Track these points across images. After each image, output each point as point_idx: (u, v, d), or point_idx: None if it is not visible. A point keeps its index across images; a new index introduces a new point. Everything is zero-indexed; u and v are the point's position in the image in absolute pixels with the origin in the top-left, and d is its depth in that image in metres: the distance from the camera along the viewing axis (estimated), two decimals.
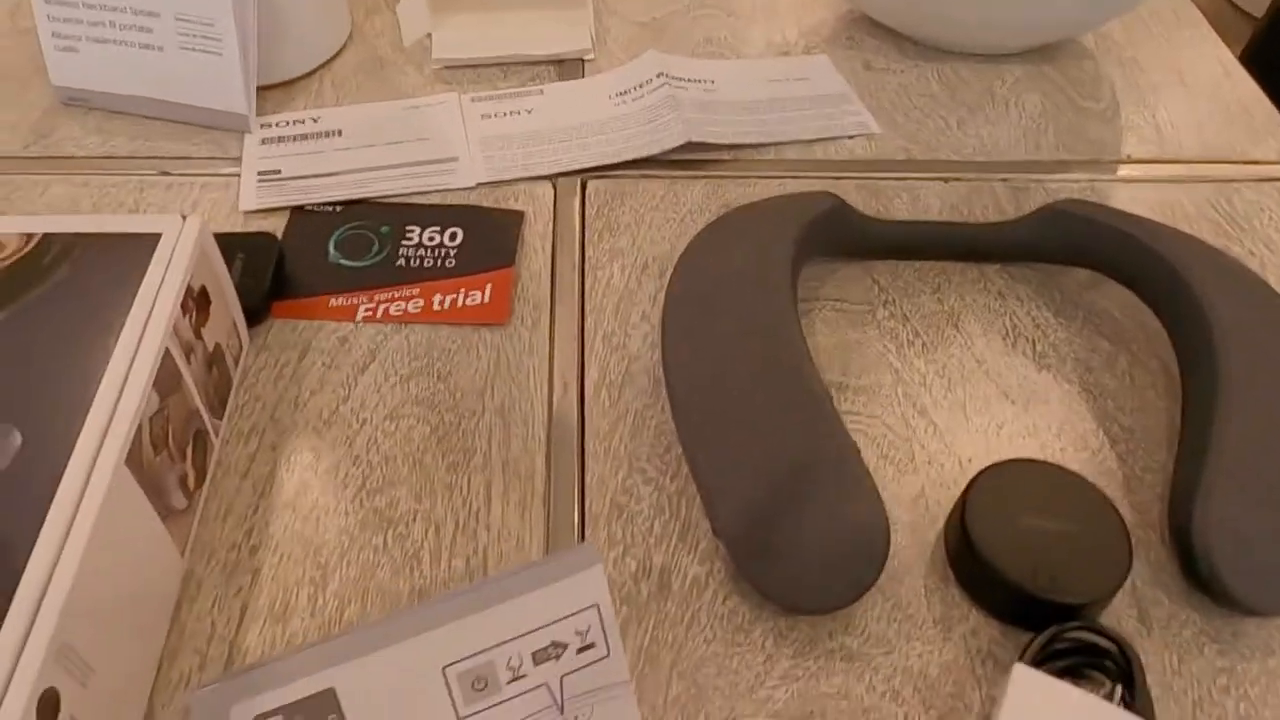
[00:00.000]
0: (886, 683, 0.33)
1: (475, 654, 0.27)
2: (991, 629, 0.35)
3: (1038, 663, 0.32)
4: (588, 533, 0.37)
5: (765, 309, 0.38)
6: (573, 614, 0.28)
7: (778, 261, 0.39)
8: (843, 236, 0.45)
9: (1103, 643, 0.32)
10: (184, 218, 0.37)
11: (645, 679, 0.33)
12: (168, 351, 0.33)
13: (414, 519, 0.37)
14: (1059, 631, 0.33)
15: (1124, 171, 0.53)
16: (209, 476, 0.38)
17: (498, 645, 0.28)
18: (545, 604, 0.28)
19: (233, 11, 0.49)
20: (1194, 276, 0.40)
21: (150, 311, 0.33)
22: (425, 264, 0.46)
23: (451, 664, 0.27)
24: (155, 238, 0.36)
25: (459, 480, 0.38)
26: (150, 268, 0.35)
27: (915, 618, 0.35)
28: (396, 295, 0.45)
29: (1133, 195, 0.51)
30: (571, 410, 0.41)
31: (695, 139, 0.51)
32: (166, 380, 0.33)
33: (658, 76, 0.55)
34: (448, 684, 0.27)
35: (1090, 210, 0.44)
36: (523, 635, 0.28)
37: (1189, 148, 0.54)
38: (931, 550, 0.37)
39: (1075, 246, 0.44)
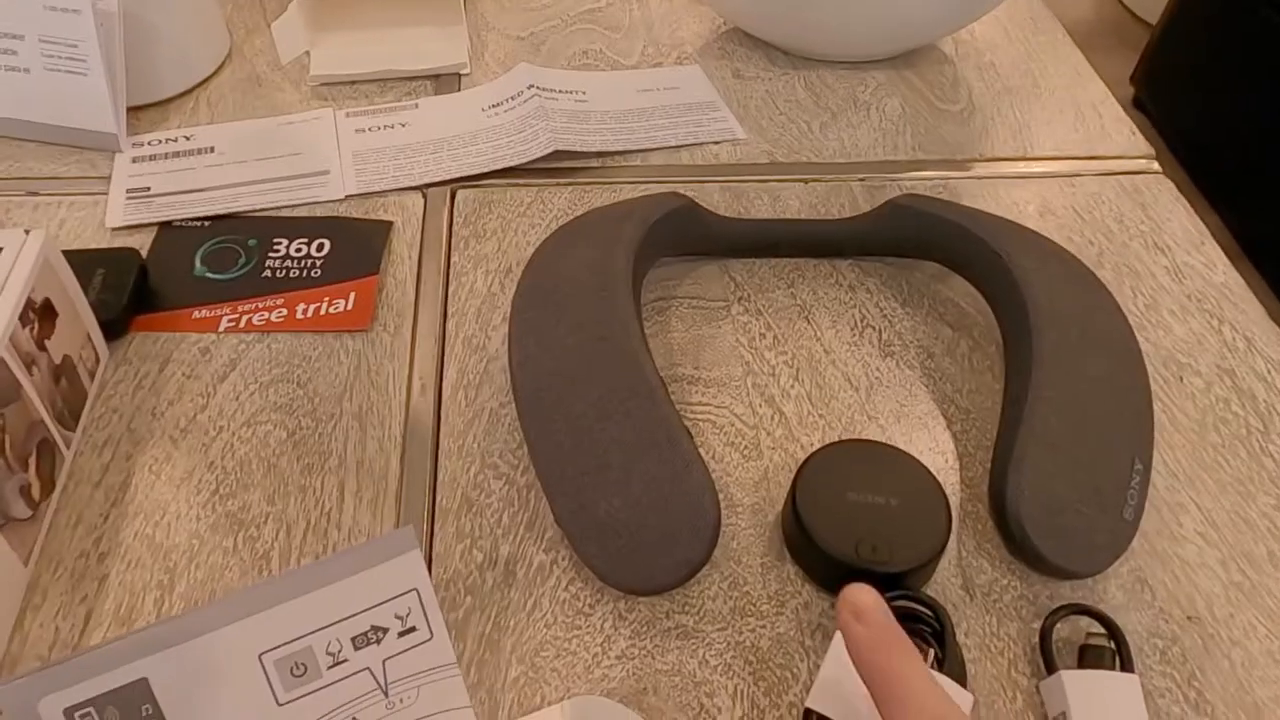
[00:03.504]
0: (719, 657, 0.34)
1: (292, 640, 0.28)
2: (823, 602, 0.36)
3: None
4: (437, 526, 0.38)
5: (606, 304, 0.39)
6: (391, 598, 0.29)
7: (620, 259, 0.41)
8: (693, 235, 0.46)
9: (921, 610, 0.34)
10: (27, 232, 0.37)
11: (485, 664, 0.34)
12: (2, 362, 0.34)
13: (265, 521, 0.38)
14: None
15: (977, 169, 0.55)
16: (59, 487, 0.38)
17: (315, 631, 0.28)
18: (363, 589, 0.29)
19: (97, 33, 0.50)
20: (1015, 262, 0.42)
21: None
22: (291, 275, 0.47)
23: (268, 651, 0.28)
24: None
25: (313, 482, 0.39)
26: None
27: (751, 595, 0.36)
28: (260, 305, 0.45)
29: (983, 191, 0.54)
30: (428, 411, 0.42)
31: (562, 148, 0.53)
32: (2, 390, 0.34)
33: (528, 88, 0.57)
34: (265, 671, 0.28)
35: (925, 204, 0.46)
36: (341, 620, 0.29)
37: (1039, 146, 0.57)
38: (770, 531, 0.38)
39: (913, 238, 0.46)
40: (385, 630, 0.29)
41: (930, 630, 0.34)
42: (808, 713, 0.31)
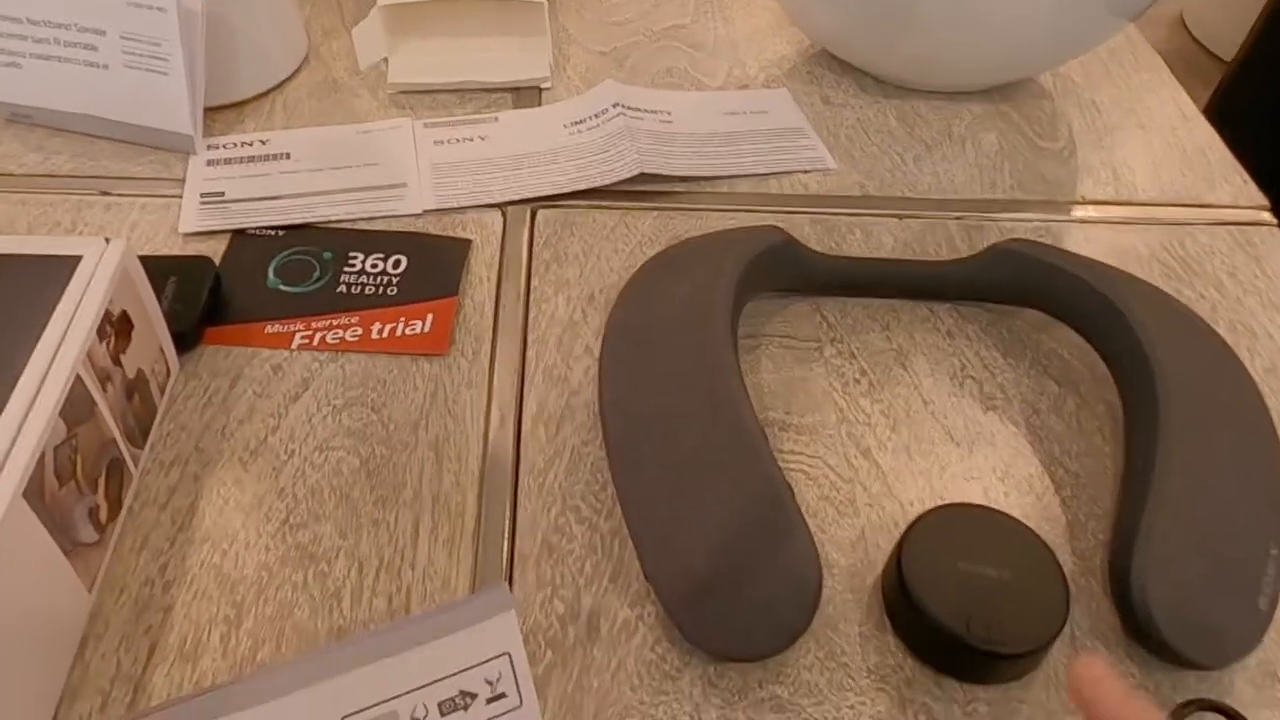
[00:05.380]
0: None
1: (377, 704, 0.26)
2: (926, 679, 0.34)
3: None
4: (516, 573, 0.36)
5: (704, 347, 0.37)
6: (483, 662, 0.27)
7: (719, 298, 0.38)
8: (790, 272, 0.44)
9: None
10: (107, 240, 0.36)
11: None
12: (79, 379, 0.32)
13: (337, 555, 0.36)
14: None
15: (1078, 212, 0.53)
16: (125, 508, 0.36)
17: (401, 695, 0.26)
18: (453, 652, 0.27)
19: (180, 32, 0.48)
20: (1138, 321, 0.39)
21: (62, 337, 0.32)
22: (366, 291, 0.45)
23: (351, 714, 0.26)
24: (75, 260, 0.35)
25: (386, 516, 0.37)
26: (66, 292, 0.34)
27: (849, 666, 0.34)
28: (335, 323, 0.44)
29: (1086, 236, 0.51)
30: (507, 445, 0.40)
31: (648, 170, 0.51)
32: (76, 408, 0.32)
33: (613, 106, 0.55)
34: None
35: (1037, 251, 0.43)
36: (429, 684, 0.27)
37: (1144, 190, 0.54)
38: (869, 596, 0.36)
39: (1023, 287, 0.44)
40: (474, 696, 0.27)
41: None
42: None
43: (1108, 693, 0.26)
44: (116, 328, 0.35)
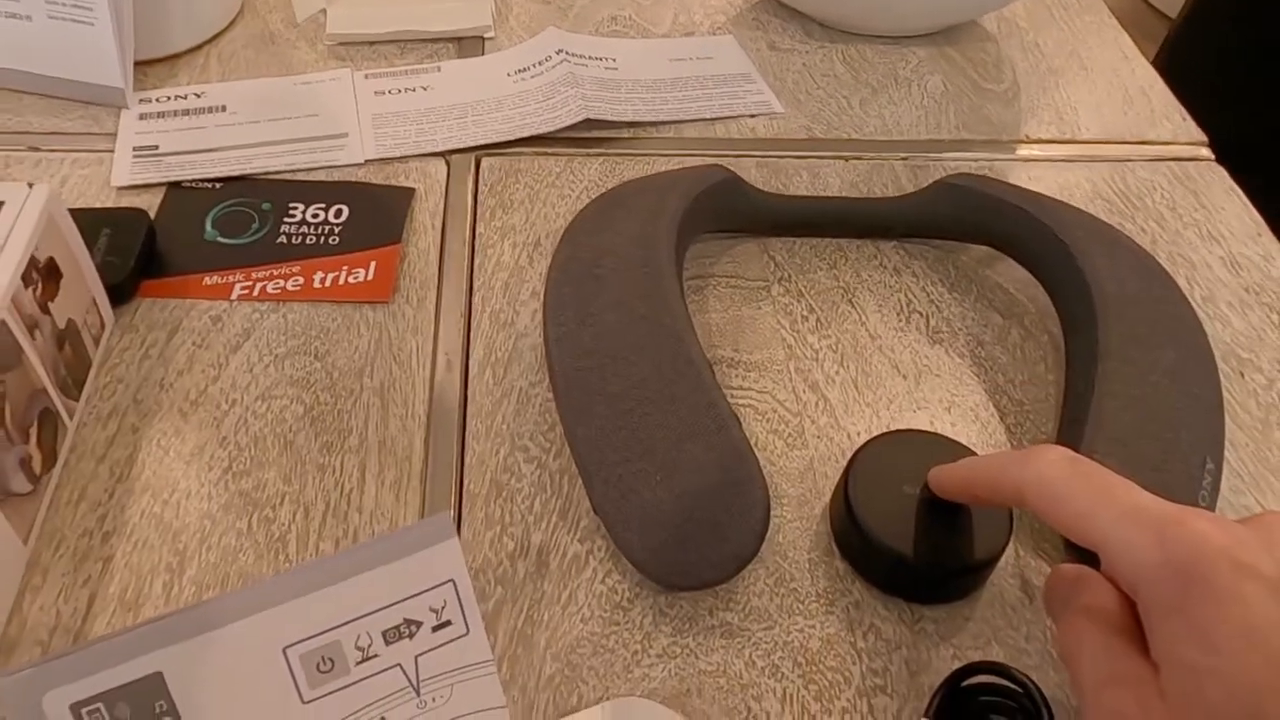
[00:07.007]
0: (766, 658, 0.32)
1: (319, 633, 0.26)
2: (875, 601, 0.34)
3: (942, 712, 0.31)
4: (464, 512, 0.36)
5: (648, 282, 0.37)
6: (427, 590, 0.27)
7: (662, 235, 0.38)
8: (735, 211, 0.44)
9: (1011, 687, 0.31)
10: (30, 186, 0.35)
11: (518, 661, 0.32)
12: (3, 324, 0.31)
13: (282, 501, 0.36)
14: (961, 677, 0.31)
15: (1022, 151, 0.53)
16: (60, 460, 0.35)
17: (344, 624, 0.26)
18: (396, 579, 0.26)
19: None
20: (1078, 247, 0.40)
21: None
22: (308, 241, 0.44)
23: (293, 644, 0.26)
24: None
25: (332, 461, 0.37)
26: None
27: (798, 591, 0.34)
28: (275, 273, 0.43)
29: (1030, 174, 0.51)
30: (454, 389, 0.40)
31: (593, 116, 0.50)
32: (2, 354, 0.31)
33: (557, 54, 0.54)
34: (289, 666, 0.26)
35: (981, 184, 0.43)
36: (372, 613, 0.26)
37: (1087, 129, 0.55)
38: (817, 523, 0.36)
39: (966, 220, 0.44)
40: (419, 624, 0.27)
41: (1023, 707, 0.31)
42: None
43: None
44: (43, 275, 0.34)
